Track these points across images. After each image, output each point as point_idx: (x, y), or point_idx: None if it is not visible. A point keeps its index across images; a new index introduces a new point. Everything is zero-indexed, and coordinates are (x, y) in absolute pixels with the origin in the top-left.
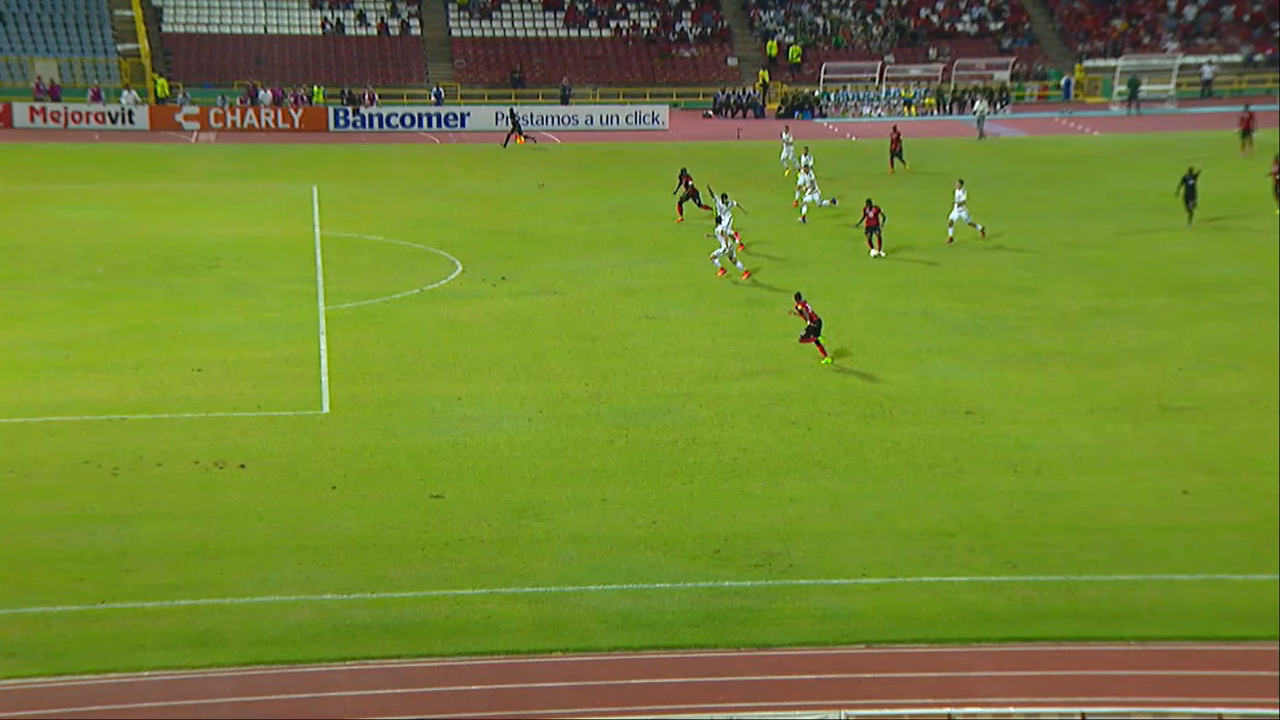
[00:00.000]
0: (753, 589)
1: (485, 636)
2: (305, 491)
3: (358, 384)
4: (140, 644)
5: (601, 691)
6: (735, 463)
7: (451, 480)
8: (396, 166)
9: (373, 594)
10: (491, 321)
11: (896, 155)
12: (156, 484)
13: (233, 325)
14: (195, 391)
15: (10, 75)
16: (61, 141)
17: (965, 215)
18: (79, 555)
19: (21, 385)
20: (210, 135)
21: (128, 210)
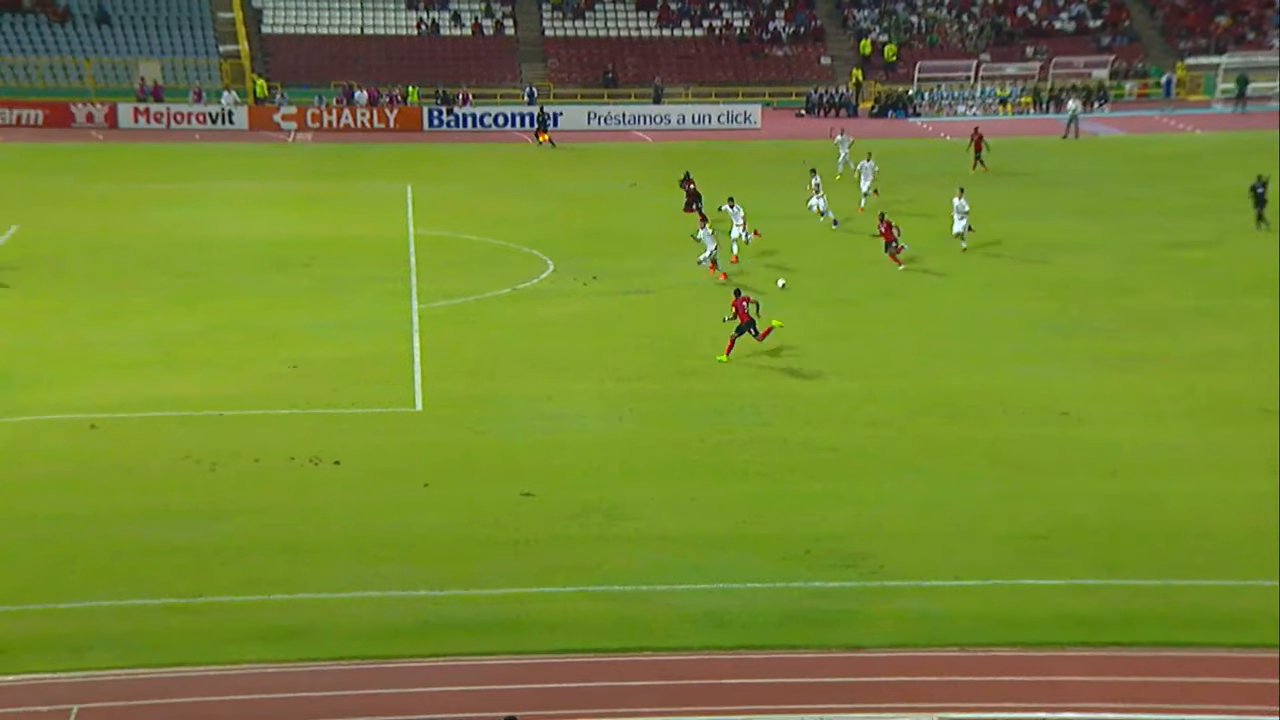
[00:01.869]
0: (842, 590)
1: (574, 634)
2: (398, 488)
3: (450, 382)
4: (236, 637)
5: (689, 691)
6: (824, 463)
7: (541, 478)
8: (489, 166)
9: (463, 590)
10: (581, 320)
11: (978, 155)
12: (252, 479)
13: (327, 323)
14: (290, 388)
15: (116, 76)
16: (164, 141)
17: (964, 225)
18: (177, 548)
19: (123, 381)
20: (307, 135)
21: (226, 209)
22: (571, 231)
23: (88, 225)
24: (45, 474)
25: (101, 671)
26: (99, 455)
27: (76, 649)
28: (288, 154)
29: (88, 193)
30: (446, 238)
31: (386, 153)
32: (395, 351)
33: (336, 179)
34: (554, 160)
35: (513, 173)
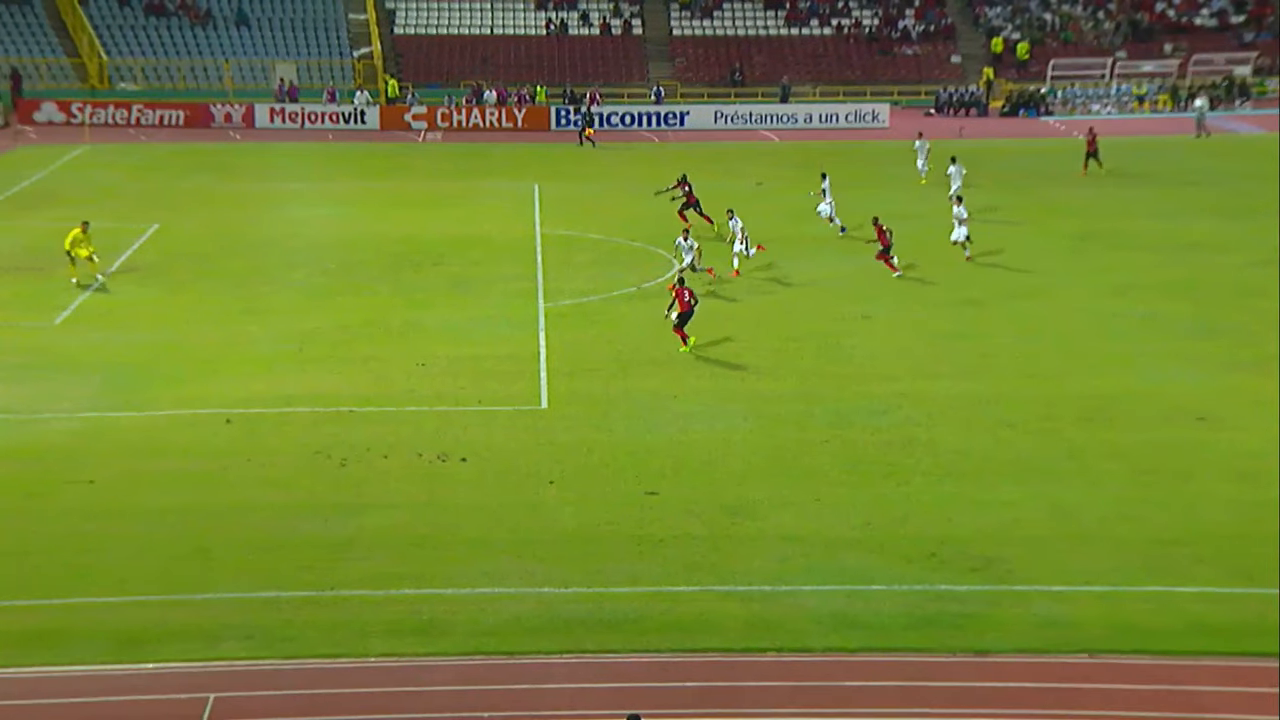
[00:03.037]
0: (970, 593)
1: (699, 633)
2: (524, 486)
3: (575, 380)
4: (365, 631)
5: (814, 692)
6: (951, 465)
7: (666, 477)
8: (616, 165)
9: (589, 588)
10: (706, 319)
11: (1092, 156)
12: (382, 475)
13: (456, 321)
14: (420, 386)
15: (254, 77)
16: (298, 141)
17: (964, 234)
18: (309, 543)
19: (257, 377)
20: (437, 134)
21: (358, 208)
22: (696, 231)
23: (224, 224)
24: (182, 468)
25: (237, 662)
26: (233, 450)
27: (212, 639)
28: (418, 153)
29: (225, 192)
30: (573, 237)
31: (514, 152)
32: (522, 350)
33: (465, 178)
34: (680, 159)
35: (639, 172)
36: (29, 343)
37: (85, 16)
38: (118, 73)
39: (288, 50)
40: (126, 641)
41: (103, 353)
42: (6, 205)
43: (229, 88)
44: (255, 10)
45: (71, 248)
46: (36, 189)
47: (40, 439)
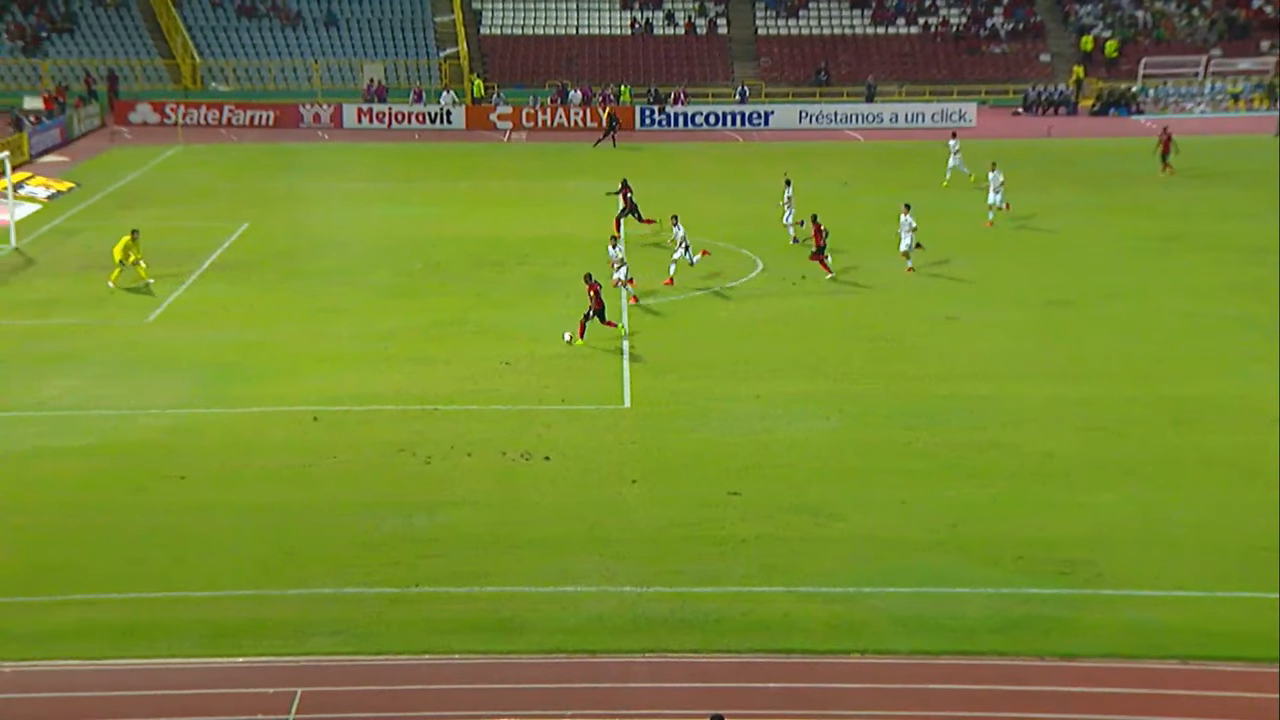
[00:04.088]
0: (1057, 597)
1: (781, 634)
2: (606, 485)
3: (658, 379)
4: (449, 628)
5: (897, 695)
6: (1037, 467)
7: (748, 477)
8: (700, 165)
9: (670, 588)
10: (790, 319)
11: (1165, 157)
12: (465, 473)
13: (540, 320)
14: (503, 384)
15: (342, 78)
16: (385, 141)
17: (910, 243)
18: (393, 539)
19: (343, 374)
20: (522, 134)
21: (444, 207)
22: (781, 230)
23: (312, 223)
24: (270, 464)
25: (324, 657)
26: (320, 447)
27: (300, 634)
28: (503, 153)
29: (313, 191)
30: (656, 236)
31: (598, 152)
32: (605, 349)
33: (549, 178)
34: (764, 159)
35: (723, 171)
36: (124, 340)
37: (180, 19)
38: (210, 74)
39: (376, 51)
40: (218, 635)
41: (194, 350)
42: (103, 204)
43: (318, 88)
44: (344, 11)
45: (122, 255)
46: (131, 188)
47: (135, 435)
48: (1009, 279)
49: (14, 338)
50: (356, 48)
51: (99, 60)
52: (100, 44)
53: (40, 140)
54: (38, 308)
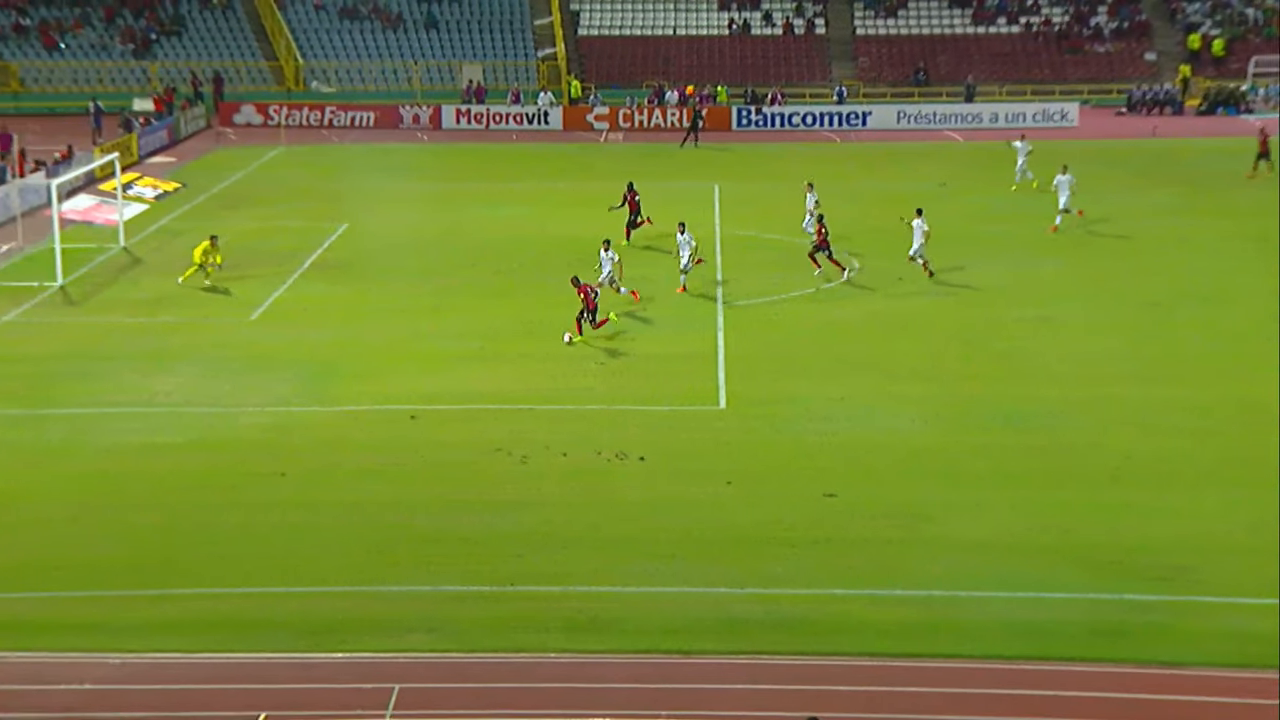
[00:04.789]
0: (1157, 603)
1: (874, 637)
2: (701, 485)
3: (753, 381)
4: (544, 626)
5: (992, 699)
6: (1138, 470)
7: (842, 479)
8: (796, 165)
9: (764, 589)
10: (886, 321)
11: (1263, 157)
12: (561, 472)
13: (635, 320)
14: (599, 384)
15: (441, 79)
16: (483, 142)
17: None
18: (489, 538)
19: (441, 373)
20: (618, 135)
21: (540, 207)
22: (877, 231)
23: (410, 223)
24: (369, 462)
25: (421, 654)
26: (417, 445)
27: (397, 631)
28: (599, 153)
29: (411, 191)
30: (752, 237)
31: (695, 152)
32: (700, 350)
33: (645, 178)
34: (861, 159)
35: (820, 172)
36: (227, 338)
37: (284, 21)
38: (312, 75)
39: (475, 52)
40: (318, 631)
41: (294, 349)
42: (208, 205)
43: (417, 89)
44: (444, 13)
45: (201, 259)
46: (235, 189)
47: (237, 431)
48: (1105, 280)
49: (122, 335)
50: (456, 49)
51: (205, 63)
52: (207, 46)
53: (148, 141)
54: (144, 306)
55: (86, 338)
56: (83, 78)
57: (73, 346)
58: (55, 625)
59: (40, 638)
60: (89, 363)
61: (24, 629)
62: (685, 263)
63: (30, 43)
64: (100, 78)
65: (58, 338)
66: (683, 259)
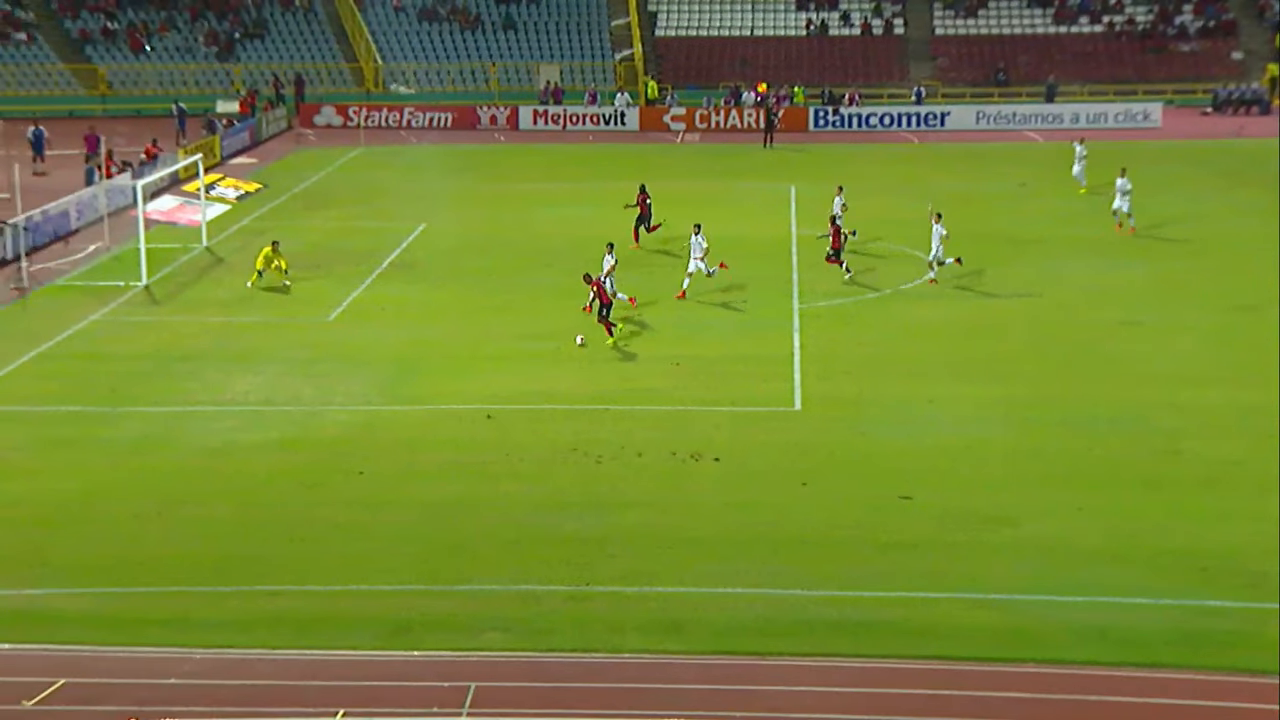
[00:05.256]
0: (1243, 610)
1: (950, 641)
2: (776, 487)
3: (829, 382)
4: (619, 627)
5: (1069, 706)
6: (1221, 476)
7: (919, 482)
8: (873, 166)
9: (838, 591)
10: (963, 323)
11: None
12: (635, 473)
13: (710, 321)
14: (673, 385)
15: (518, 80)
16: (559, 142)
17: (938, 253)
18: (565, 538)
19: (513, 373)
20: (695, 135)
21: (614, 208)
22: (956, 233)
23: (487, 223)
24: (445, 461)
25: (497, 653)
26: (493, 445)
27: (474, 630)
28: (675, 154)
29: (488, 192)
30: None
31: (771, 153)
32: (775, 351)
33: (721, 179)
34: (939, 161)
35: (897, 173)
36: (307, 338)
37: (364, 23)
38: (391, 76)
39: (552, 53)
40: (395, 629)
41: (372, 348)
42: (289, 205)
43: (495, 90)
44: (522, 14)
45: (263, 265)
46: (314, 189)
47: (318, 430)
48: (1189, 283)
49: (205, 335)
50: (533, 50)
51: (287, 64)
52: (288, 48)
53: (231, 143)
54: (226, 305)
55: (170, 337)
56: (168, 80)
57: (156, 345)
58: (140, 620)
59: (126, 632)
60: (172, 362)
61: (110, 624)
62: (692, 266)
63: (118, 46)
64: (184, 80)
65: (142, 337)
66: (691, 262)
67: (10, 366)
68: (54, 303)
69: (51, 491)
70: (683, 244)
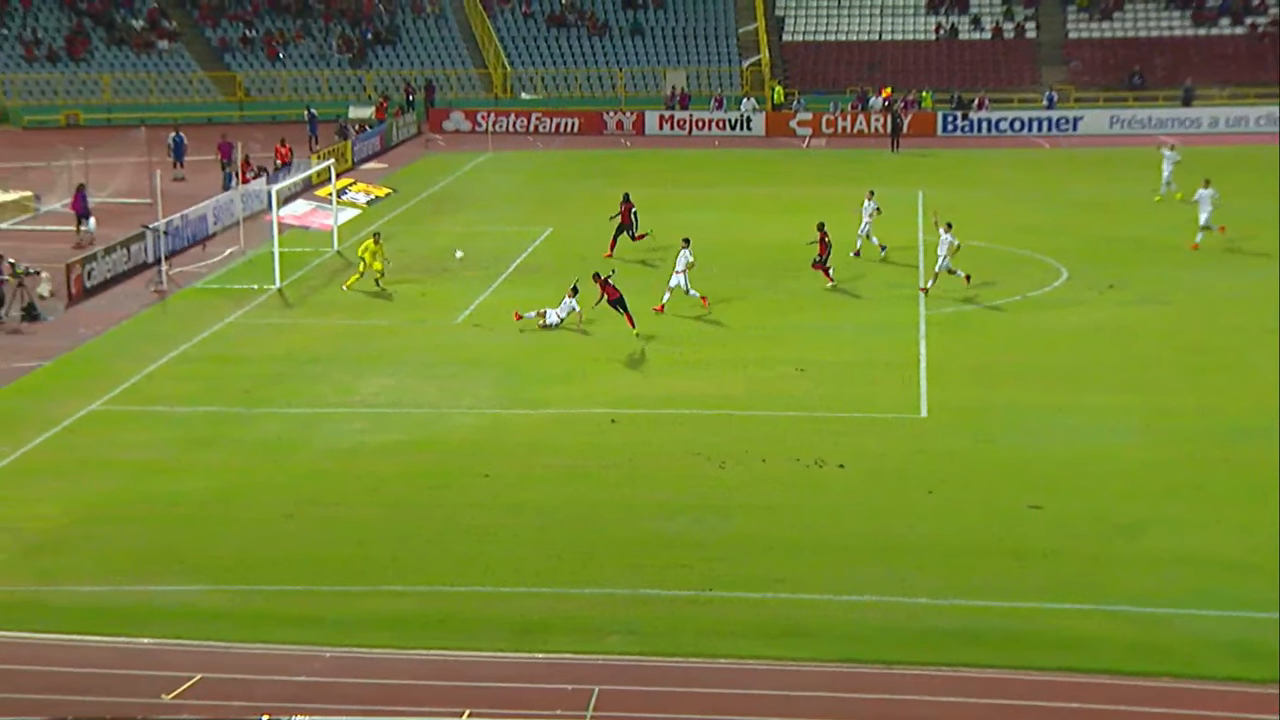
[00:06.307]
0: None
1: (1081, 653)
2: (901, 494)
3: (956, 389)
4: (742, 632)
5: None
6: None
7: (1049, 491)
8: (1003, 171)
9: (965, 600)
10: (1095, 330)
11: None
12: (759, 478)
13: (835, 326)
14: (797, 390)
15: (645, 85)
16: (685, 148)
17: (945, 264)
18: (688, 542)
19: (639, 377)
20: (821, 140)
21: (740, 213)
22: (1088, 239)
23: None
24: (569, 464)
25: (620, 656)
26: (617, 449)
27: (597, 632)
28: (801, 159)
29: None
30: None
31: (897, 158)
32: (901, 357)
33: (848, 184)
34: (1071, 166)
35: (1027, 178)
36: (434, 341)
37: (493, 29)
38: (519, 82)
39: (679, 59)
40: (521, 630)
41: (498, 351)
42: (417, 210)
43: (621, 95)
44: (649, 20)
45: (369, 257)
46: (443, 194)
47: (445, 433)
48: None
49: (336, 338)
50: (660, 56)
51: (418, 71)
52: (419, 55)
53: (362, 148)
54: (356, 309)
55: (301, 339)
56: (301, 86)
57: (289, 348)
58: (274, 618)
59: (260, 630)
60: (304, 364)
61: (245, 621)
62: (674, 280)
63: (255, 53)
64: (318, 86)
65: (275, 339)
66: (674, 276)
67: (151, 367)
68: (192, 305)
69: (190, 490)
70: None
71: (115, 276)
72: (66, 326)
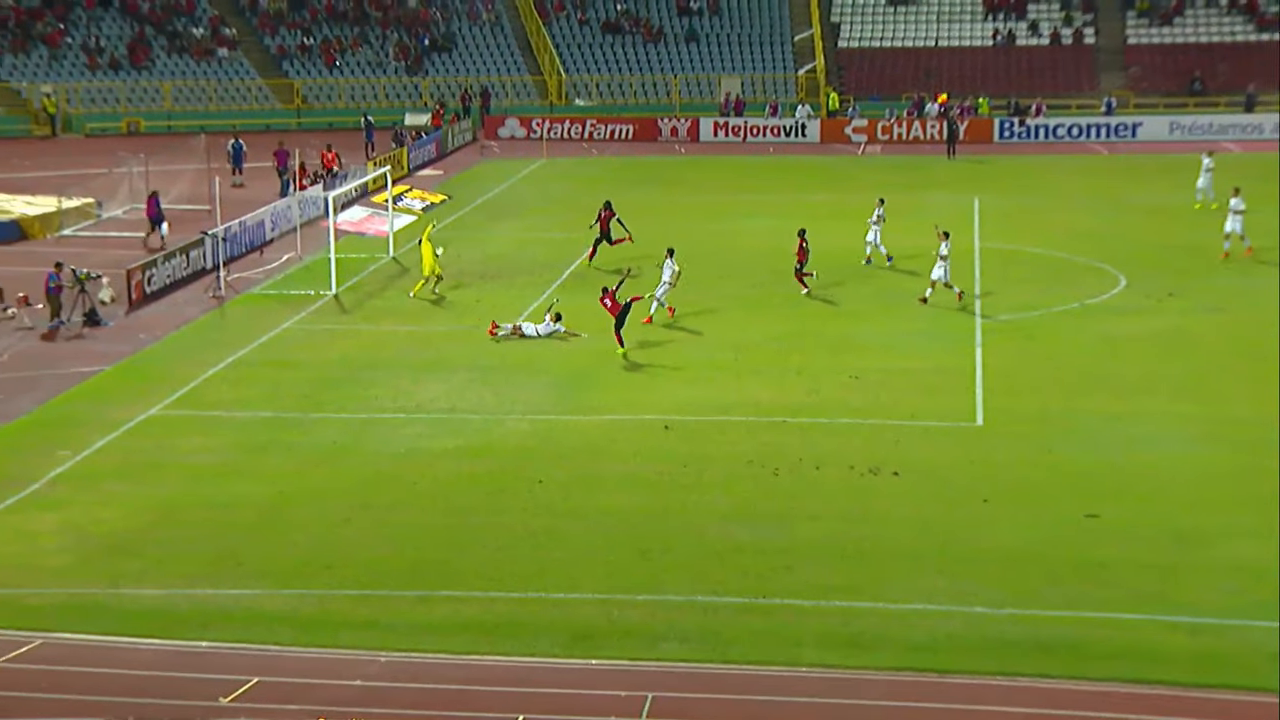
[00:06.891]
0: None
1: (1142, 664)
2: (957, 502)
3: (1012, 397)
4: (798, 640)
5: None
6: None
7: (1108, 500)
8: (1060, 178)
9: (1024, 610)
10: (1154, 338)
11: None
12: (814, 486)
13: (890, 334)
14: (852, 398)
15: (700, 92)
16: (740, 154)
17: (943, 272)
18: (743, 549)
19: (694, 385)
20: (876, 147)
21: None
22: (1147, 246)
23: (666, 235)
24: (624, 471)
25: (675, 663)
26: (671, 456)
27: (653, 639)
28: (856, 166)
29: (667, 203)
30: (1013, 250)
31: (953, 165)
32: (957, 365)
33: (904, 191)
34: (1130, 172)
35: (1084, 185)
36: (489, 346)
37: (548, 36)
38: (574, 89)
39: (734, 66)
40: (576, 636)
41: (552, 358)
42: (472, 216)
43: (676, 102)
44: (705, 27)
45: (432, 263)
46: (498, 200)
47: (500, 439)
48: None
49: (392, 343)
50: (715, 63)
51: (473, 78)
52: (475, 62)
53: (417, 155)
54: (411, 314)
55: (357, 344)
56: (358, 94)
57: (345, 353)
58: (330, 622)
59: (316, 634)
60: (360, 369)
61: (302, 625)
62: (659, 291)
63: (312, 61)
64: (374, 93)
65: (331, 344)
66: (659, 288)
67: (209, 372)
68: (249, 311)
69: (248, 495)
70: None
71: (175, 282)
72: (127, 331)
